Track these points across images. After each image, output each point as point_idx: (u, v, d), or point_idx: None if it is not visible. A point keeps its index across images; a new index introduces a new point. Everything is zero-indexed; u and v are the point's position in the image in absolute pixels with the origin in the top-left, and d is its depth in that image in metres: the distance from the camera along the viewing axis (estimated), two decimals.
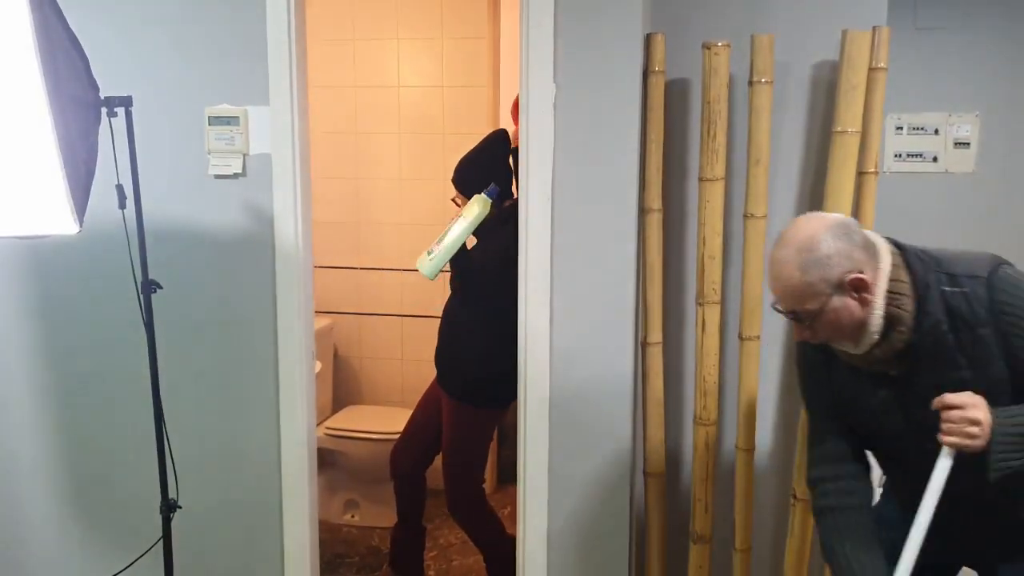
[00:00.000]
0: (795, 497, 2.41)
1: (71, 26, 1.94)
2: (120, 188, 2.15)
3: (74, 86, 1.91)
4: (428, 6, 3.96)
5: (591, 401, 2.41)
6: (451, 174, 3.02)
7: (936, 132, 4.37)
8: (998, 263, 1.63)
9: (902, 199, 4.34)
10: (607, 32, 2.30)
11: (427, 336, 3.95)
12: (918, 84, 4.32)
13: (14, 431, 2.81)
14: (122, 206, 2.15)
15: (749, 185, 2.34)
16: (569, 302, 2.40)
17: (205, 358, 2.63)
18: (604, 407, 2.40)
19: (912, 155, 4.41)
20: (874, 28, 2.25)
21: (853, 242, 1.59)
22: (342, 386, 4.31)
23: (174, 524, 2.34)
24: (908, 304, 1.60)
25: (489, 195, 2.81)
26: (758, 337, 2.39)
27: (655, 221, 2.41)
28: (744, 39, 2.31)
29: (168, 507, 2.32)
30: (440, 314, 3.14)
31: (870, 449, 1.86)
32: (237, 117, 2.49)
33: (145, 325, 2.23)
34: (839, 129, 2.27)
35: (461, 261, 2.88)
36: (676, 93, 2.44)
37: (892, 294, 1.60)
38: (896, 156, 4.41)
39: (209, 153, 2.53)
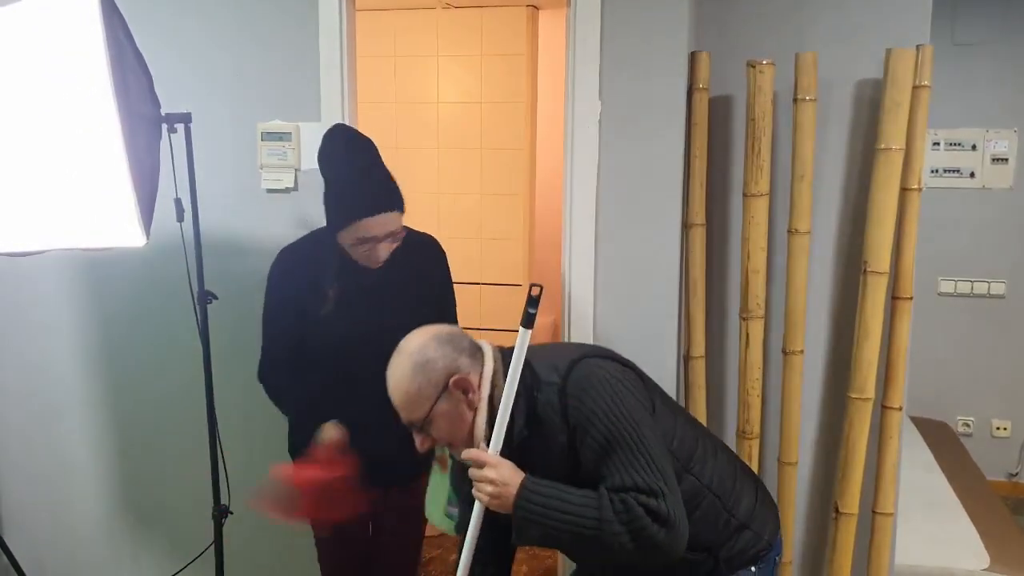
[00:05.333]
0: (837, 511, 2.43)
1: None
2: (178, 202, 2.21)
3: (140, 103, 1.98)
4: (467, 23, 4.02)
5: None
6: (488, 187, 2.82)
7: (974, 148, 4.38)
8: (577, 359, 1.62)
9: (939, 215, 4.34)
10: (652, 50, 2.35)
11: None
12: (955, 100, 4.33)
13: (69, 437, 2.89)
14: (180, 219, 2.21)
15: (793, 200, 2.37)
16: (612, 316, 2.43)
17: (257, 367, 2.68)
18: None
19: (949, 171, 4.42)
20: (918, 47, 2.28)
21: (459, 348, 1.64)
22: None
23: (226, 529, 2.39)
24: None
25: None
26: (801, 351, 2.41)
27: (699, 236, 2.44)
28: (788, 57, 2.34)
29: (220, 512, 2.37)
30: (468, 326, 2.89)
31: None
32: (289, 133, 2.56)
33: (200, 335, 2.30)
34: (883, 146, 2.29)
35: None
36: (720, 110, 2.48)
37: (491, 398, 1.62)
38: (933, 172, 4.42)
39: (262, 168, 2.60)
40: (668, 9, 2.33)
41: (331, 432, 2.08)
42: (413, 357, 1.62)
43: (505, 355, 1.66)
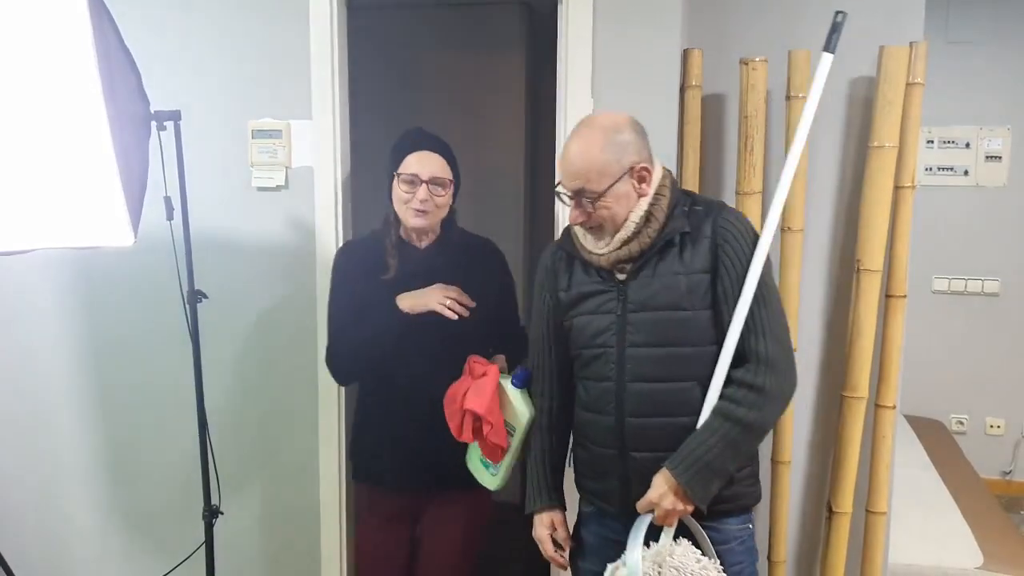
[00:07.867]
0: (830, 510, 2.42)
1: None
2: (168, 200, 2.20)
3: (129, 101, 1.96)
4: (462, 21, 4.01)
5: None
6: (483, 187, 2.93)
7: (967, 146, 4.38)
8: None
9: (933, 213, 4.35)
10: (645, 48, 2.34)
11: None
12: (949, 98, 4.33)
13: (58, 437, 2.86)
14: (170, 217, 2.19)
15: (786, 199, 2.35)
16: None
17: (248, 367, 2.67)
18: None
19: (943, 168, 4.42)
20: (911, 44, 2.27)
21: (644, 140, 1.78)
22: None
23: (216, 530, 2.37)
24: (664, 206, 1.76)
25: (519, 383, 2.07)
26: (795, 350, 2.40)
27: None
28: (781, 55, 2.33)
29: (211, 513, 2.36)
30: None
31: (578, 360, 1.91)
32: (280, 130, 2.54)
33: (190, 334, 2.28)
34: (876, 144, 2.28)
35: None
36: (713, 108, 2.47)
37: (657, 195, 1.76)
38: (927, 170, 4.42)
39: (252, 166, 2.58)
40: (661, 6, 2.32)
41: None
42: (608, 133, 1.73)
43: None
